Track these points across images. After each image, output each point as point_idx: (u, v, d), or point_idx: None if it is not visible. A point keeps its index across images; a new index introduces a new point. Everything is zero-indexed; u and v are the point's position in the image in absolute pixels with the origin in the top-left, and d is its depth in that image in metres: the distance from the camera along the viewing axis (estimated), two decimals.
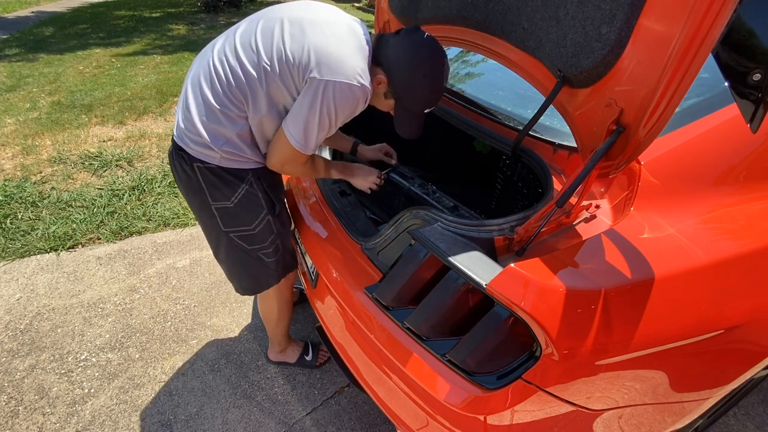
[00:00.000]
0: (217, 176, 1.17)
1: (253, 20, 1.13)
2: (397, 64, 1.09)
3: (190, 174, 1.18)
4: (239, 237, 1.27)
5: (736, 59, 0.70)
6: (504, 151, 1.25)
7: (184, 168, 1.18)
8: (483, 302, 0.90)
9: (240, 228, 1.25)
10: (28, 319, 1.92)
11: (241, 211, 1.22)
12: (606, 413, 0.93)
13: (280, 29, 1.06)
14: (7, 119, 3.81)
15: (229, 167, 1.16)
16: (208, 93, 1.10)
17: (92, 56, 5.79)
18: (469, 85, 1.64)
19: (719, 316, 0.90)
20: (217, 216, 1.22)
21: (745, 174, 1.03)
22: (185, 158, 1.16)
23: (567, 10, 0.91)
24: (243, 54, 1.07)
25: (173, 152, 1.20)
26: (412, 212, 1.06)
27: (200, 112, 1.11)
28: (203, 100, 1.10)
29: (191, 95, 1.13)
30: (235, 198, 1.20)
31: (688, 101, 1.09)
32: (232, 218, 1.23)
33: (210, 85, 1.10)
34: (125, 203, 2.67)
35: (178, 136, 1.17)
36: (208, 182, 1.17)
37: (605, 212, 0.98)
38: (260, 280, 1.40)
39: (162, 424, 1.54)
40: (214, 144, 1.12)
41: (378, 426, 1.53)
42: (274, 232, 1.30)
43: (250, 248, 1.29)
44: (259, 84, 1.06)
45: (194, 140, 1.13)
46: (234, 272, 1.39)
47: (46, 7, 9.58)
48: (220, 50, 1.12)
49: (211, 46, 1.18)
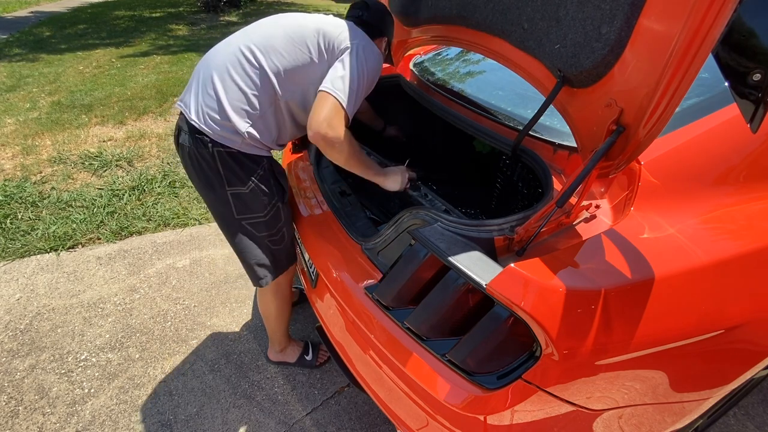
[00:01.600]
0: (236, 161, 1.21)
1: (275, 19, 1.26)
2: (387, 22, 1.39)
3: (208, 159, 1.21)
4: (251, 224, 1.30)
5: (736, 59, 0.69)
6: (504, 151, 1.25)
7: (202, 153, 1.20)
8: (483, 302, 0.90)
9: (252, 215, 1.29)
10: (28, 319, 1.92)
11: (255, 198, 1.27)
12: (606, 413, 0.93)
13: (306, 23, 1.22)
14: (7, 119, 3.81)
15: (248, 152, 1.22)
16: (238, 79, 1.17)
17: (92, 56, 5.79)
18: (469, 85, 1.63)
19: (719, 316, 0.90)
20: (231, 202, 1.26)
21: (745, 174, 1.03)
22: (203, 143, 1.19)
23: (567, 10, 0.91)
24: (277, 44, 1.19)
25: (190, 138, 1.21)
26: (412, 212, 1.06)
27: (229, 97, 1.17)
28: (233, 86, 1.17)
29: (219, 83, 1.18)
30: (251, 183, 1.24)
31: (688, 101, 1.09)
32: (246, 204, 1.27)
33: (241, 72, 1.17)
34: (125, 203, 2.67)
35: (202, 120, 1.19)
36: (227, 167, 1.21)
37: (605, 212, 0.98)
38: (270, 267, 1.41)
39: (162, 424, 1.54)
40: (241, 126, 1.18)
41: (378, 426, 1.53)
42: (281, 219, 1.36)
43: (260, 235, 1.33)
44: (296, 65, 1.19)
45: (221, 125, 1.17)
46: (247, 260, 1.39)
47: (45, 7, 9.58)
48: (248, 43, 1.20)
49: (235, 39, 1.24)
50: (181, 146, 1.25)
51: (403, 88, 1.69)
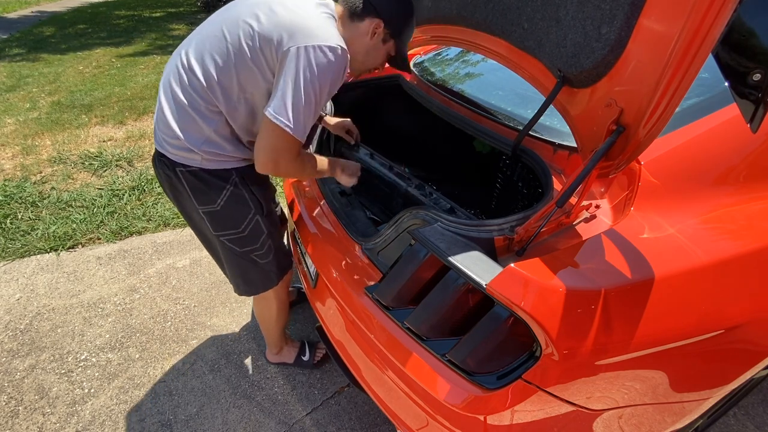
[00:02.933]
0: (200, 179, 1.15)
1: (220, 13, 1.12)
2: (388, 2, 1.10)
3: (173, 180, 1.17)
4: (230, 240, 1.25)
5: (736, 59, 0.70)
6: (504, 151, 1.25)
7: (168, 174, 1.17)
8: (483, 302, 0.90)
9: (229, 231, 1.23)
10: (28, 319, 1.92)
11: (229, 214, 1.20)
12: (606, 413, 0.93)
13: (248, 14, 1.04)
14: (7, 119, 3.81)
15: (211, 168, 1.14)
16: (178, 92, 1.08)
17: (92, 56, 5.79)
18: (469, 85, 1.63)
19: (719, 316, 0.90)
20: (206, 220, 1.22)
21: (745, 174, 1.03)
22: (167, 164, 1.16)
23: (567, 10, 0.91)
24: (210, 46, 1.06)
25: (156, 159, 1.20)
26: (412, 212, 1.06)
27: (174, 113, 1.10)
28: (174, 100, 1.09)
29: (164, 98, 1.11)
30: (221, 200, 1.18)
31: (688, 101, 1.09)
32: (220, 222, 1.21)
33: (179, 83, 1.08)
34: (125, 203, 2.68)
35: (158, 142, 1.16)
36: (192, 186, 1.16)
37: (605, 212, 0.98)
38: (257, 283, 1.39)
39: (162, 424, 1.54)
40: (193, 145, 1.10)
41: (378, 426, 1.53)
42: (264, 232, 1.29)
43: (242, 251, 1.28)
44: (228, 72, 1.04)
45: (173, 144, 1.12)
46: (231, 274, 1.39)
47: (46, 7, 9.58)
48: (187, 49, 1.10)
49: (180, 47, 1.15)
50: (154, 165, 1.23)
51: (403, 89, 1.69)
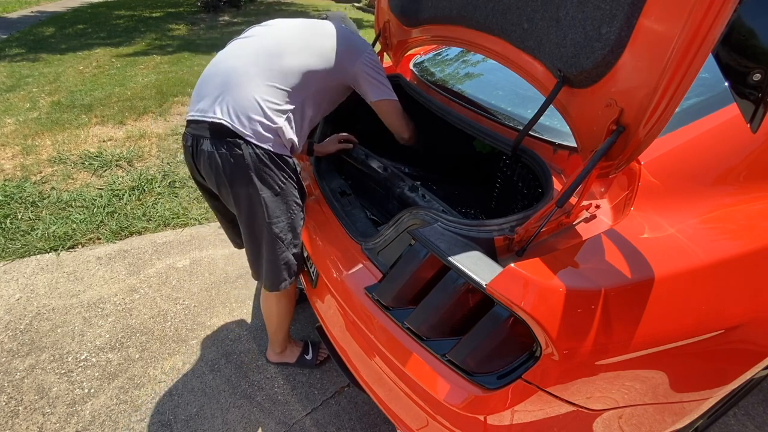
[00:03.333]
0: (271, 161, 1.22)
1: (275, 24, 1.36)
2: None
3: (241, 162, 1.19)
4: (279, 228, 1.30)
5: (736, 59, 0.70)
6: (504, 151, 1.25)
7: (234, 156, 1.19)
8: (483, 302, 0.90)
9: (281, 218, 1.29)
10: (28, 319, 1.92)
11: (284, 200, 1.28)
12: (606, 413, 0.93)
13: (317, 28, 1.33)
14: (7, 119, 3.81)
15: (281, 153, 1.24)
16: (264, 79, 1.21)
17: (92, 56, 5.79)
18: (469, 85, 1.63)
19: (719, 316, 0.90)
20: (264, 204, 1.25)
21: (745, 174, 1.03)
22: (238, 144, 1.19)
23: (567, 10, 0.91)
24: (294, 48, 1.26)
25: (217, 143, 1.19)
26: (412, 212, 1.06)
27: (262, 95, 1.20)
28: (263, 85, 1.21)
29: (246, 82, 1.21)
30: (284, 185, 1.26)
31: (688, 101, 1.09)
32: (277, 208, 1.27)
33: (267, 71, 1.22)
34: (125, 203, 2.67)
35: (236, 120, 1.18)
36: (262, 168, 1.21)
37: (605, 212, 0.98)
38: (289, 274, 1.40)
39: (162, 424, 1.54)
40: (277, 122, 1.21)
41: (378, 426, 1.53)
42: (301, 224, 1.37)
43: (287, 239, 1.33)
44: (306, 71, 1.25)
45: (257, 122, 1.19)
46: (269, 266, 1.36)
47: (46, 7, 9.58)
48: (262, 44, 1.27)
49: (245, 42, 1.31)
50: (203, 154, 1.21)
51: (403, 88, 1.69)
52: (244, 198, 1.24)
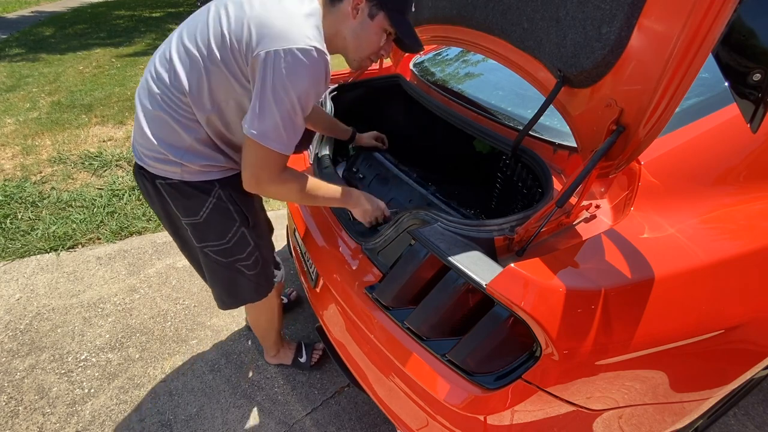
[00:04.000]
0: (181, 192, 1.10)
1: (199, 13, 1.03)
2: None
3: (153, 192, 1.13)
4: (213, 251, 1.21)
5: (736, 59, 0.70)
6: (504, 151, 1.25)
7: (147, 186, 1.13)
8: (483, 302, 0.90)
9: (213, 242, 1.19)
10: (28, 319, 1.92)
11: (212, 226, 1.16)
12: (606, 413, 0.93)
13: (221, 13, 0.95)
14: (7, 119, 3.81)
15: (192, 181, 1.09)
16: (155, 100, 1.01)
17: (92, 56, 5.79)
18: (469, 85, 1.63)
19: (719, 316, 0.90)
20: (189, 231, 1.18)
21: (745, 174, 1.03)
22: (147, 176, 1.11)
23: (567, 10, 0.91)
24: (182, 49, 0.98)
25: (136, 171, 1.16)
26: (412, 212, 1.06)
27: (152, 124, 1.04)
28: (152, 111, 1.02)
29: (140, 109, 1.05)
30: (204, 212, 1.13)
31: (688, 101, 1.09)
32: (204, 233, 1.17)
33: (155, 90, 1.01)
34: (125, 203, 2.67)
35: (136, 154, 1.11)
36: (174, 198, 1.12)
37: (605, 212, 0.98)
38: (243, 295, 1.34)
39: (162, 424, 1.54)
40: (174, 156, 1.04)
41: (378, 426, 1.53)
42: (251, 244, 1.24)
43: (227, 261, 1.23)
44: (200, 76, 0.97)
45: (152, 156, 1.06)
46: (214, 286, 1.33)
47: (46, 7, 9.58)
48: (161, 54, 1.03)
49: (156, 53, 1.08)
50: (135, 177, 1.18)
51: (403, 89, 1.69)
52: (167, 226, 1.24)
